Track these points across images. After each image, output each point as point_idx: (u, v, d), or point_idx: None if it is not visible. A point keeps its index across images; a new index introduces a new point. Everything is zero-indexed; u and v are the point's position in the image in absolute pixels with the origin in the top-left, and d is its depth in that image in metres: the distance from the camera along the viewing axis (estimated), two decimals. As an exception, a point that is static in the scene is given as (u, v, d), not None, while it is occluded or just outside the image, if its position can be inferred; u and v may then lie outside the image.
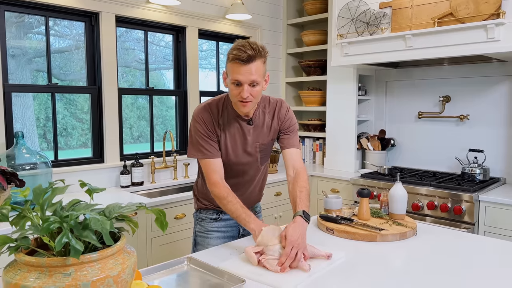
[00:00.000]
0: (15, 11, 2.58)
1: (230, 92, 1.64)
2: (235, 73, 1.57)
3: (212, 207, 1.88)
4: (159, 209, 1.07)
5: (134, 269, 1.01)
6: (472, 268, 1.45)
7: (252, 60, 1.55)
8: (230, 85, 1.61)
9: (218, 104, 1.73)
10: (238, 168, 1.80)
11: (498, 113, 3.08)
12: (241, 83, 1.57)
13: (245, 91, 1.57)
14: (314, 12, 3.97)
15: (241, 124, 1.74)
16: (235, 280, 1.31)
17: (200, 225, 1.91)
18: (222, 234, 1.89)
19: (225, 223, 1.89)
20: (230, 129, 1.73)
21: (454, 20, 2.63)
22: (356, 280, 1.35)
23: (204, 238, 1.88)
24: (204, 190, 1.87)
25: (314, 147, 4.04)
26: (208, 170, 1.71)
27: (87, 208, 0.99)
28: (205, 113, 1.71)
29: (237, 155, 1.76)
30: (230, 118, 1.73)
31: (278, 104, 1.82)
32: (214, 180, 1.69)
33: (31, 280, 0.87)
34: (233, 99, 1.65)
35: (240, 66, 1.55)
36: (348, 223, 1.83)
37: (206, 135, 1.70)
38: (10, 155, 2.31)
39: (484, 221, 2.64)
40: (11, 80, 2.59)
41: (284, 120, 1.81)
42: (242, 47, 1.54)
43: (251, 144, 1.77)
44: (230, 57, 1.58)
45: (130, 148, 3.22)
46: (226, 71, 1.64)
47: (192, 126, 1.73)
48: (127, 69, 3.23)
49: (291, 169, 1.77)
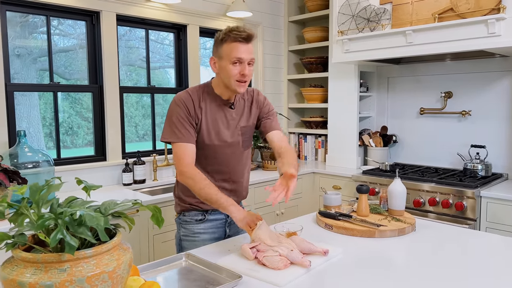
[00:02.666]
0: (16, 11, 2.60)
1: (227, 73, 1.66)
2: (236, 52, 1.63)
3: (196, 206, 1.81)
4: (155, 205, 1.08)
5: (130, 265, 1.03)
6: (471, 264, 1.45)
7: (250, 40, 1.66)
8: (228, 65, 1.65)
9: (198, 90, 1.75)
10: (222, 153, 1.77)
11: (500, 108, 3.06)
12: (243, 61, 1.64)
13: (247, 68, 1.66)
14: (315, 8, 3.96)
15: (223, 108, 1.77)
16: (232, 276, 1.32)
17: (185, 228, 1.84)
18: (209, 236, 1.82)
19: (212, 224, 1.84)
20: (212, 113, 1.75)
21: (455, 16, 2.61)
22: (352, 275, 1.36)
23: (191, 242, 1.81)
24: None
25: (316, 144, 4.04)
26: (180, 154, 1.67)
27: (83, 205, 1.01)
28: (186, 97, 1.71)
29: (220, 137, 1.76)
30: (212, 102, 1.75)
31: (255, 92, 1.90)
32: (186, 162, 1.66)
33: (27, 276, 0.89)
34: (230, 80, 1.67)
35: (241, 45, 1.63)
36: (347, 219, 1.84)
37: (185, 118, 1.69)
38: (12, 154, 2.34)
39: (486, 217, 2.63)
40: (17, 80, 2.62)
41: (263, 106, 1.88)
42: (238, 28, 1.63)
43: (233, 127, 1.79)
44: (228, 38, 1.63)
45: (135, 146, 3.24)
46: (219, 54, 1.68)
47: (170, 110, 1.72)
48: (132, 67, 3.25)
49: (277, 149, 1.77)
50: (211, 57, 1.73)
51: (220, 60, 1.68)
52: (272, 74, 4.08)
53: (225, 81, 1.70)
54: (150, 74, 3.27)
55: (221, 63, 1.68)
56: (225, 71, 1.66)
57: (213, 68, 1.73)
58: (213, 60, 1.72)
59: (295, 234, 1.61)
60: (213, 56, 1.72)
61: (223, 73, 1.68)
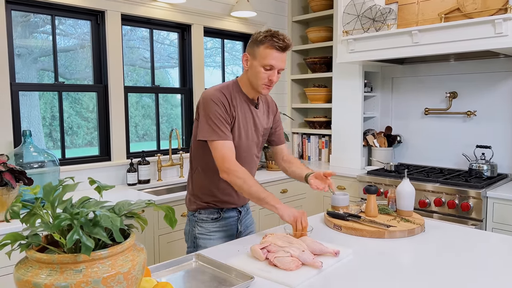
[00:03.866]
0: (22, 10, 2.59)
1: (256, 75, 1.71)
2: (270, 58, 1.67)
3: (213, 205, 1.83)
4: (168, 206, 1.07)
5: (144, 266, 1.02)
6: (481, 265, 1.44)
7: (286, 49, 1.71)
8: (259, 68, 1.70)
9: (229, 88, 1.78)
10: (243, 152, 1.82)
11: (506, 109, 3.05)
12: (275, 68, 1.70)
13: (276, 76, 1.72)
14: (319, 8, 3.96)
15: (250, 107, 1.82)
16: (243, 277, 1.31)
17: (201, 226, 1.84)
18: (223, 234, 1.86)
19: (226, 222, 1.87)
20: (243, 111, 1.79)
21: (461, 16, 2.61)
22: (364, 276, 1.35)
23: (207, 240, 1.83)
24: (206, 184, 1.81)
25: (320, 144, 4.03)
26: (225, 153, 1.68)
27: (97, 205, 0.99)
28: (221, 95, 1.72)
29: (248, 136, 1.81)
30: (242, 101, 1.79)
31: (269, 97, 1.99)
32: (232, 160, 1.68)
33: (42, 277, 0.88)
34: (258, 82, 1.72)
35: (276, 53, 1.68)
36: (356, 219, 1.83)
37: (224, 116, 1.70)
38: (18, 154, 2.33)
39: (492, 218, 2.62)
40: (17, 80, 2.60)
41: (277, 114, 1.97)
42: (279, 36, 1.67)
43: (258, 127, 1.85)
44: (266, 42, 1.67)
45: (135, 146, 3.23)
46: (254, 53, 1.71)
47: (207, 108, 1.70)
48: (132, 67, 3.24)
49: (283, 159, 2.01)
50: (244, 53, 1.77)
51: (253, 59, 1.72)
52: (275, 74, 4.07)
53: (251, 79, 1.74)
54: (154, 74, 3.26)
55: (254, 62, 1.72)
56: (255, 72, 1.71)
57: (244, 64, 1.76)
58: (246, 56, 1.76)
59: (305, 235, 1.60)
60: (247, 53, 1.75)
61: (252, 72, 1.73)
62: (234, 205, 1.88)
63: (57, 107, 2.79)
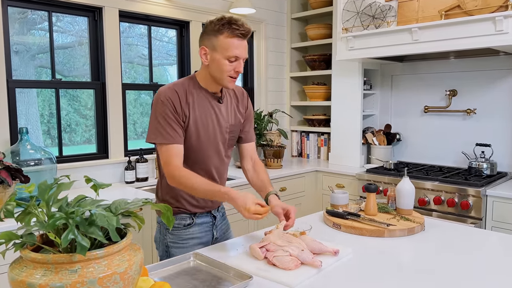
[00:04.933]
0: (18, 6, 2.56)
1: (220, 68, 1.56)
2: (233, 48, 1.53)
3: (184, 209, 1.70)
4: (166, 204, 1.05)
5: (141, 265, 1.00)
6: (480, 263, 1.43)
7: (247, 36, 1.57)
8: (222, 60, 1.55)
9: (184, 84, 1.63)
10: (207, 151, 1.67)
11: (506, 107, 3.04)
12: (239, 58, 1.56)
13: (242, 66, 1.57)
14: (318, 5, 3.93)
15: (212, 102, 1.66)
16: (242, 276, 1.29)
17: (173, 234, 1.70)
18: (197, 241, 1.72)
19: (200, 228, 1.73)
20: (200, 107, 1.63)
21: (462, 13, 2.59)
22: (364, 276, 1.33)
23: (180, 249, 1.68)
24: (173, 187, 1.65)
25: (319, 142, 4.02)
26: (168, 157, 1.55)
27: (93, 204, 0.98)
28: (172, 93, 1.57)
29: (209, 135, 1.65)
30: (200, 97, 1.64)
31: (241, 90, 1.81)
32: (176, 164, 1.55)
33: (37, 277, 0.86)
34: (222, 75, 1.57)
35: (239, 41, 1.54)
36: (355, 218, 1.82)
37: (172, 117, 1.56)
38: (14, 151, 2.31)
39: (491, 216, 2.61)
40: (15, 77, 2.58)
41: (248, 109, 1.81)
42: (237, 22, 1.53)
43: (222, 124, 1.69)
44: (225, 31, 1.52)
45: (133, 144, 3.21)
46: (212, 45, 1.55)
47: (155, 108, 1.58)
48: (130, 65, 3.22)
49: (248, 159, 1.82)
50: (201, 47, 1.59)
51: (213, 52, 1.56)
52: (274, 71, 4.05)
53: (215, 74, 1.59)
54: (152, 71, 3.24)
55: (215, 55, 1.56)
56: (218, 65, 1.56)
57: (203, 59, 1.59)
58: (204, 50, 1.58)
59: (304, 234, 1.59)
60: (204, 46, 1.58)
61: (214, 66, 1.57)
62: (206, 209, 1.74)
63: (55, 104, 2.77)
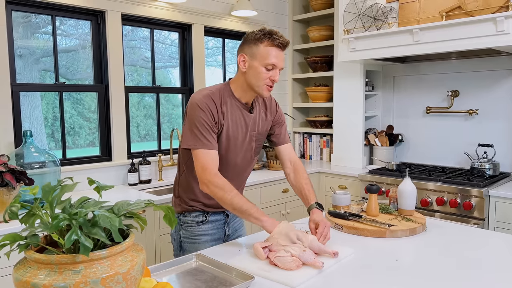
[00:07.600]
0: (22, 11, 2.59)
1: (257, 75, 1.61)
2: (272, 57, 1.60)
3: (199, 208, 1.76)
4: (168, 205, 1.07)
5: (143, 266, 1.01)
6: (483, 264, 1.43)
7: (286, 47, 1.64)
8: (260, 68, 1.60)
9: (219, 93, 1.67)
10: (234, 159, 1.73)
11: (508, 107, 3.04)
12: (277, 67, 1.62)
13: (278, 75, 1.63)
14: (319, 7, 3.95)
15: (243, 112, 1.71)
16: (244, 276, 1.30)
17: (186, 230, 1.77)
18: (209, 237, 1.78)
19: (212, 225, 1.79)
20: (233, 117, 1.68)
21: (463, 14, 2.59)
22: (365, 277, 1.34)
23: (192, 244, 1.75)
24: (191, 188, 1.75)
25: (321, 143, 4.02)
26: (206, 163, 1.58)
27: (96, 206, 0.99)
28: (210, 101, 1.62)
29: (237, 143, 1.71)
30: (233, 106, 1.68)
31: (269, 96, 1.84)
32: (213, 171, 1.58)
33: (41, 277, 0.87)
34: (259, 83, 1.62)
35: (278, 51, 1.61)
36: (357, 219, 1.82)
37: (210, 124, 1.60)
38: (19, 154, 2.33)
39: (494, 217, 2.61)
40: (19, 80, 2.60)
41: (277, 114, 1.86)
42: (277, 33, 1.61)
43: (250, 133, 1.74)
44: (266, 40, 1.59)
45: (137, 146, 3.23)
46: (252, 53, 1.61)
47: (192, 114, 1.62)
48: (133, 67, 3.24)
49: (288, 162, 1.87)
50: (240, 54, 1.65)
51: (252, 60, 1.61)
52: (276, 73, 4.06)
53: (251, 81, 1.63)
54: (155, 74, 3.26)
55: (253, 63, 1.61)
56: (256, 72, 1.61)
57: (241, 66, 1.65)
58: (243, 57, 1.64)
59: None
60: (243, 54, 1.64)
61: (252, 72, 1.62)
62: (220, 209, 1.79)
63: (59, 107, 2.79)
